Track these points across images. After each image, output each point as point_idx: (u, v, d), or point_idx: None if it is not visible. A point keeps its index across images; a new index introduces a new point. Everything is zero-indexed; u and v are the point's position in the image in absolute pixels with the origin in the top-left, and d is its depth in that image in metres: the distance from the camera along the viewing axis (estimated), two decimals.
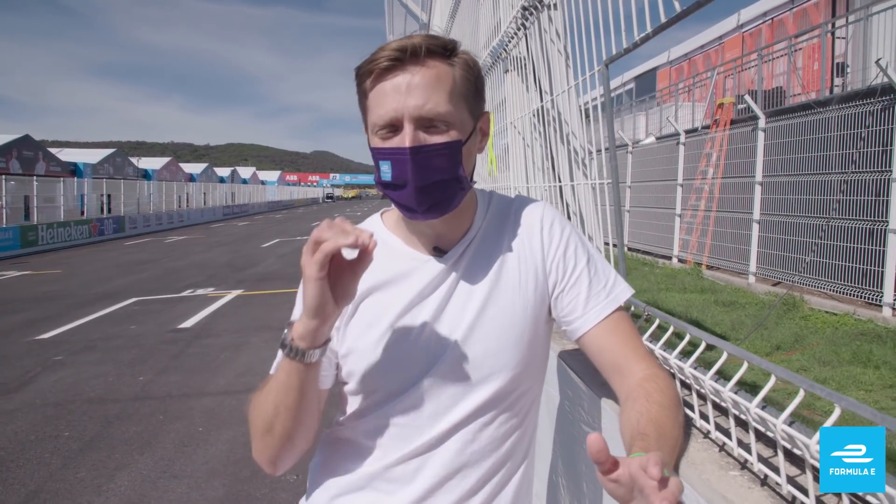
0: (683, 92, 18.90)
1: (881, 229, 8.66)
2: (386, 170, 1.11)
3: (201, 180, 58.75)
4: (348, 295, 1.05)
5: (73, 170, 38.29)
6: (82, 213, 30.53)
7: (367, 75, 1.11)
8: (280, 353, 1.10)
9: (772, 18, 18.66)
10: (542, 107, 2.32)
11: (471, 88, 1.16)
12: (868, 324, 8.09)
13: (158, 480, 4.23)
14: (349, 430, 1.24)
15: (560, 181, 2.44)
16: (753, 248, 11.61)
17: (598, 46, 1.75)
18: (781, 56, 13.72)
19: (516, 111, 2.64)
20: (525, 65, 2.50)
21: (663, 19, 1.17)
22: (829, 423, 0.80)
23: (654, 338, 1.46)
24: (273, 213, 58.68)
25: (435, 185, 1.11)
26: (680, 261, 14.56)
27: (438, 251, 1.23)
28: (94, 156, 44.36)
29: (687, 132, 14.95)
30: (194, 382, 6.36)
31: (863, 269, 8.96)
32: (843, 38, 13.30)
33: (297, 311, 1.23)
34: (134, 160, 50.35)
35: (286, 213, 57.95)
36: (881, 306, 8.54)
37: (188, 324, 9.22)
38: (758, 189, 11.57)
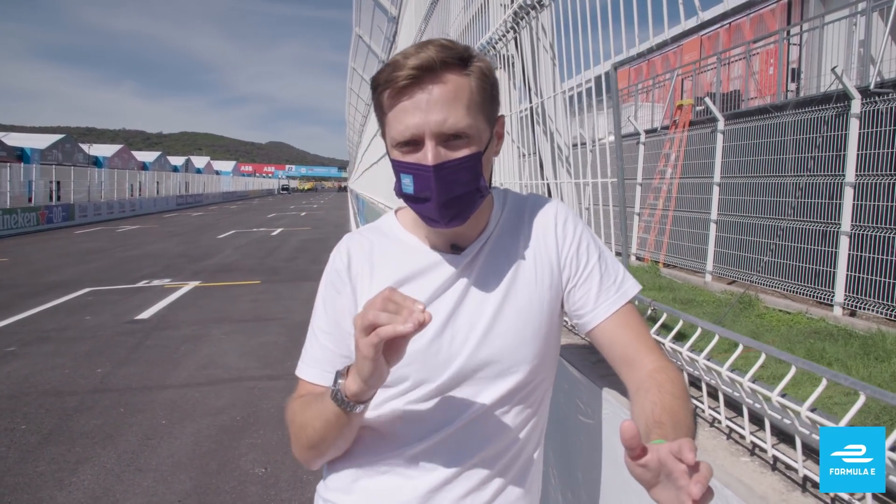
0: (643, 92, 19.20)
1: (833, 231, 8.96)
2: (408, 183, 1.13)
3: (154, 169, 57.55)
4: (400, 356, 1.04)
5: (20, 155, 37.15)
6: (30, 199, 29.60)
7: (385, 90, 1.13)
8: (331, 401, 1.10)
9: (729, 23, 19.07)
10: (531, 108, 2.36)
11: (486, 96, 1.17)
12: (820, 322, 8.36)
13: (123, 474, 4.15)
14: (369, 419, 1.25)
15: (546, 179, 2.48)
16: (710, 247, 11.88)
17: (594, 45, 1.78)
18: (739, 60, 14.05)
19: (504, 108, 2.67)
20: (514, 63, 2.52)
21: (685, 27, 1.20)
22: (853, 411, 0.84)
23: (662, 331, 1.50)
24: (228, 204, 57.79)
25: (457, 199, 1.14)
26: (638, 258, 14.82)
27: (456, 248, 1.25)
28: (42, 141, 43.10)
29: (647, 132, 15.20)
30: (155, 375, 6.25)
31: (815, 269, 9.26)
32: (797, 44, 13.68)
33: (318, 334, 1.28)
34: (84, 147, 49.08)
35: (241, 204, 57.15)
36: (832, 306, 8.84)
37: (146, 315, 9.04)
38: (716, 189, 11.85)
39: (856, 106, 8.58)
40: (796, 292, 9.62)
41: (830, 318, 8.52)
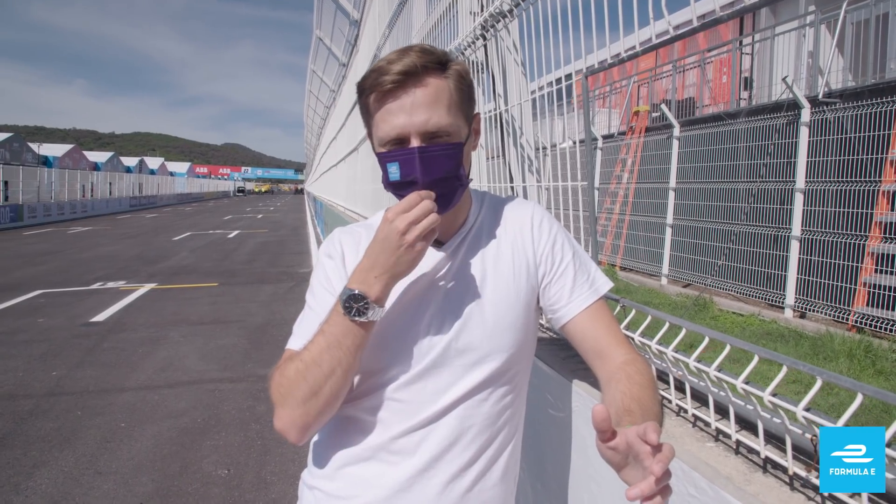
0: (599, 98, 19.50)
1: (784, 236, 9.25)
2: (394, 170, 1.21)
3: (106, 169, 56.29)
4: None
5: None
6: None
7: (371, 94, 1.23)
8: (342, 319, 1.17)
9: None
10: (499, 113, 2.42)
11: (464, 97, 1.27)
12: (772, 324, 8.62)
13: (82, 477, 4.09)
14: (352, 407, 1.30)
15: (513, 182, 2.54)
16: (666, 251, 12.14)
17: (587, 56, 1.85)
18: (693, 68, 14.39)
19: None
20: (482, 70, 2.58)
21: (654, 41, 1.26)
22: (810, 395, 0.90)
23: (633, 326, 1.57)
24: (183, 206, 56.77)
25: (440, 182, 1.21)
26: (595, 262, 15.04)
27: (437, 242, 1.32)
28: None
29: (604, 137, 15.45)
30: (112, 377, 6.14)
31: (767, 272, 9.55)
32: (749, 54, 14.07)
33: (316, 309, 1.31)
34: (34, 146, 47.74)
35: (197, 206, 56.21)
36: (784, 308, 9.12)
37: (101, 317, 8.87)
38: (671, 195, 12.11)
39: (805, 114, 8.88)
40: (749, 295, 9.90)
41: (782, 320, 8.80)
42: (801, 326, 8.37)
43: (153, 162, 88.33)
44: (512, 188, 2.47)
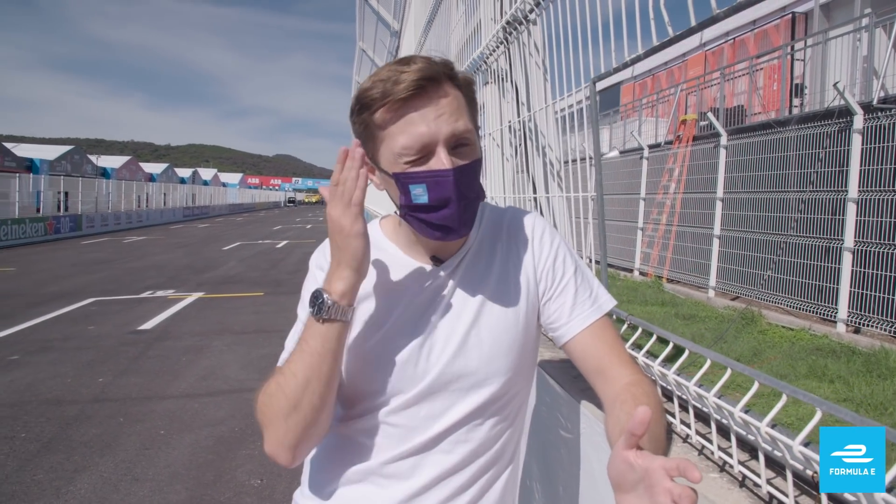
0: (647, 107, 19.24)
1: (836, 247, 8.93)
2: (420, 192, 1.12)
3: (161, 180, 57.80)
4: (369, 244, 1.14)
5: (29, 166, 37.39)
6: (38, 210, 29.78)
7: (380, 105, 1.13)
8: (310, 322, 1.14)
9: (734, 38, 19.14)
10: (521, 120, 2.37)
11: (474, 108, 1.22)
12: (823, 339, 8.32)
13: (119, 483, 4.16)
14: (346, 428, 1.27)
15: (536, 192, 2.49)
16: (713, 262, 11.86)
17: (583, 62, 1.80)
18: (743, 75, 14.08)
19: (494, 123, 2.69)
20: (505, 78, 2.55)
21: (655, 41, 1.22)
22: (809, 427, 0.85)
23: (637, 346, 1.51)
24: (234, 216, 57.98)
25: (471, 202, 1.17)
26: (641, 273, 14.80)
27: (436, 260, 1.27)
28: (51, 152, 43.37)
29: (650, 147, 15.22)
30: (155, 385, 6.26)
31: (819, 285, 9.23)
32: (801, 60, 13.71)
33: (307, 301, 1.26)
34: (93, 158, 49.36)
35: (247, 217, 57.31)
36: (836, 322, 8.80)
37: (148, 325, 9.07)
38: (718, 205, 11.83)
39: (858, 121, 8.58)
40: (800, 308, 9.59)
41: (833, 335, 8.49)
42: (854, 342, 8.06)
43: (206, 173, 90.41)
44: (535, 199, 2.42)
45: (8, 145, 38.68)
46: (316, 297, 1.12)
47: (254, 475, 4.32)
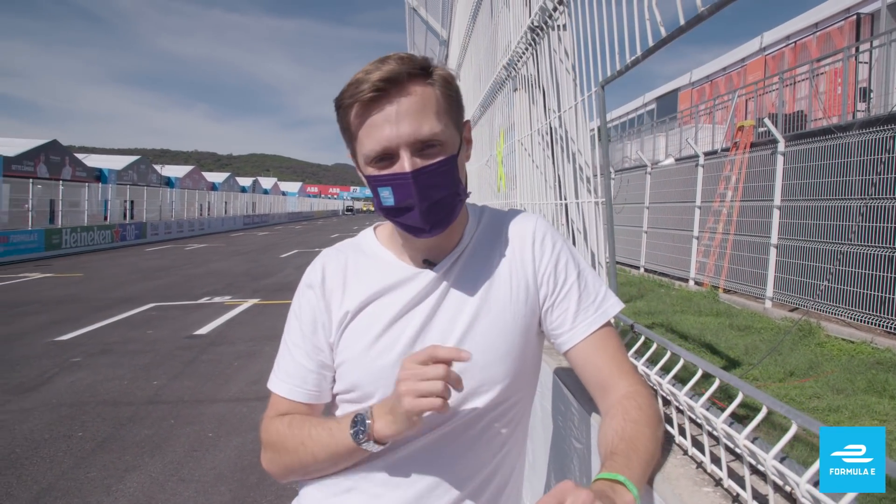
0: (704, 114, 18.86)
1: None
2: (387, 195, 1.14)
3: (223, 189, 59.34)
4: None
5: (98, 175, 38.82)
6: (105, 218, 30.99)
7: (350, 107, 1.15)
8: (345, 435, 1.15)
9: (794, 42, 18.62)
10: (549, 124, 2.36)
11: (452, 103, 1.20)
12: (886, 353, 7.98)
13: (167, 483, 4.28)
14: None
15: (565, 199, 2.47)
16: (771, 272, 11.50)
17: (602, 67, 1.79)
18: (803, 80, 13.66)
19: (524, 129, 2.69)
20: (534, 84, 2.54)
21: (651, 43, 1.21)
22: (783, 441, 0.83)
23: (641, 355, 1.49)
24: (293, 224, 59.10)
25: (439, 203, 1.15)
26: (696, 283, 14.47)
27: (428, 263, 1.26)
28: (118, 162, 44.94)
29: (706, 154, 14.90)
30: (207, 388, 6.43)
31: (882, 297, 8.85)
32: (867, 62, 13.22)
33: (289, 343, 1.32)
34: (158, 167, 50.98)
35: (306, 225, 58.33)
36: None
37: (204, 330, 9.32)
38: (776, 213, 11.49)
39: None
40: (861, 321, 9.21)
41: None
42: None
43: (266, 182, 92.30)
44: (564, 205, 2.40)
45: (79, 156, 40.27)
46: (356, 423, 1.13)
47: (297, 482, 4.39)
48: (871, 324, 8.99)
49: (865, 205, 9.27)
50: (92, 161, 42.70)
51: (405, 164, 1.11)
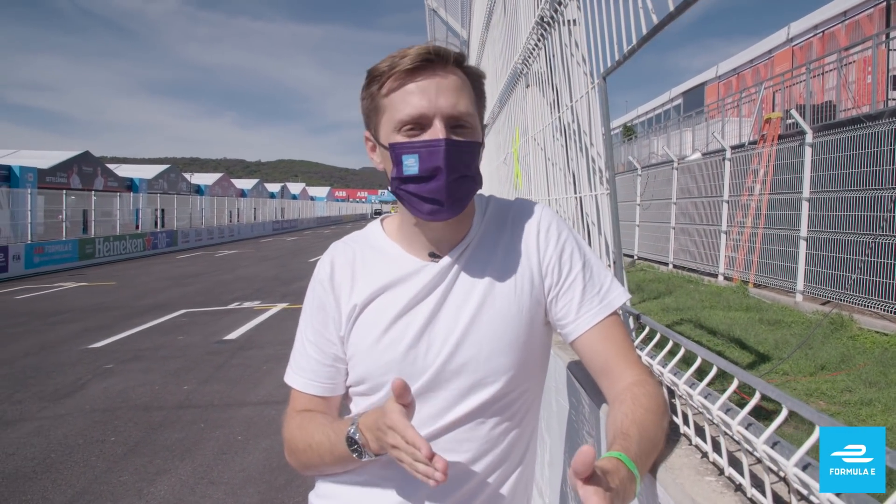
0: (731, 107, 18.63)
1: None
2: (412, 163, 1.14)
3: (252, 195, 59.99)
4: None
5: (130, 185, 39.50)
6: (137, 227, 31.49)
7: (387, 76, 1.16)
8: (345, 446, 1.18)
9: (822, 32, 18.31)
10: (560, 117, 2.36)
11: (481, 99, 1.24)
12: None
13: (196, 486, 4.35)
14: None
15: (580, 192, 2.47)
16: (801, 265, 11.31)
17: (604, 59, 1.79)
18: (833, 70, 13.43)
19: (537, 125, 2.69)
20: (545, 79, 2.54)
21: (644, 31, 1.22)
22: (775, 424, 0.82)
23: (648, 344, 1.49)
24: (322, 229, 59.60)
25: (462, 179, 1.16)
26: (726, 278, 14.29)
27: (434, 256, 1.26)
28: (149, 171, 45.68)
29: (733, 148, 14.71)
30: (236, 392, 6.51)
31: None
32: None
33: (302, 338, 1.35)
34: (187, 176, 51.69)
35: (335, 229, 58.78)
36: None
37: (233, 335, 9.44)
38: (805, 205, 11.30)
39: None
40: (895, 312, 9.03)
41: None
42: None
43: (295, 187, 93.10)
44: (579, 198, 2.40)
45: (111, 166, 41.02)
46: (351, 444, 1.17)
47: None
48: None
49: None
50: (123, 171, 43.47)
51: (439, 132, 1.13)
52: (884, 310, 9.23)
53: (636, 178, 20.39)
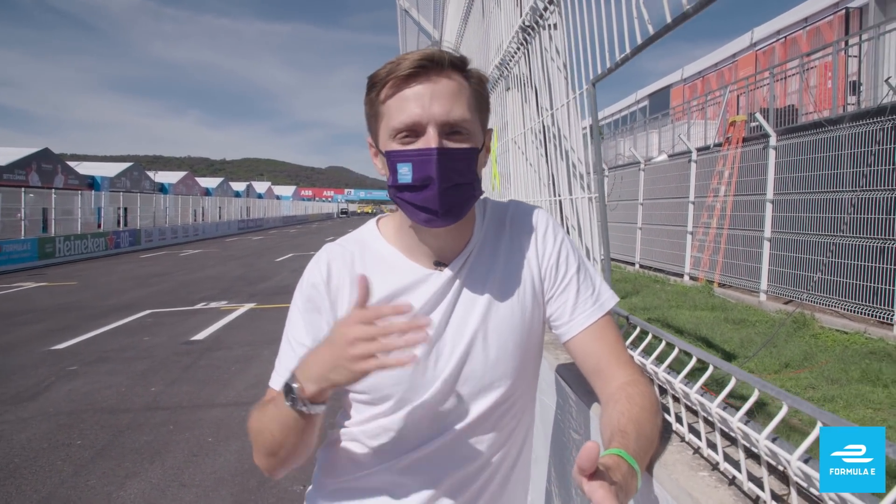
0: (696, 110, 18.93)
1: (892, 247, 8.63)
2: (405, 171, 1.13)
3: (217, 194, 59.26)
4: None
5: (91, 183, 38.77)
6: (99, 225, 30.89)
7: (385, 82, 1.14)
8: (282, 400, 1.10)
9: (785, 37, 18.70)
10: (542, 122, 2.38)
11: (482, 103, 1.21)
12: (878, 342, 8.04)
13: (167, 489, 4.29)
14: (354, 433, 1.28)
15: (559, 195, 2.50)
16: (764, 265, 11.57)
17: (593, 65, 1.82)
18: (795, 74, 13.74)
19: (517, 128, 2.71)
20: (526, 83, 2.56)
21: (639, 41, 1.23)
22: (774, 422, 0.85)
23: (638, 345, 1.51)
24: (288, 228, 59.03)
25: (456, 188, 1.14)
26: (691, 278, 14.53)
27: (439, 264, 1.25)
28: (111, 169, 44.89)
29: (699, 150, 14.97)
30: (205, 394, 6.43)
31: (874, 287, 8.92)
32: (856, 56, 13.30)
33: (291, 340, 1.28)
34: (151, 174, 50.89)
35: (301, 228, 58.27)
36: (892, 325, 8.49)
37: (200, 336, 9.31)
38: (769, 207, 11.55)
39: None
40: (855, 311, 9.27)
41: (890, 338, 8.19)
42: None
43: (260, 186, 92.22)
44: (559, 201, 2.43)
45: (71, 164, 40.23)
46: (291, 391, 1.09)
47: (296, 482, 4.40)
48: (864, 314, 9.06)
49: (857, 196, 9.33)
50: (84, 169, 42.64)
51: (431, 140, 1.11)
52: (844, 309, 9.48)
53: (603, 178, 20.56)
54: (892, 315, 8.49)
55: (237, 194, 69.21)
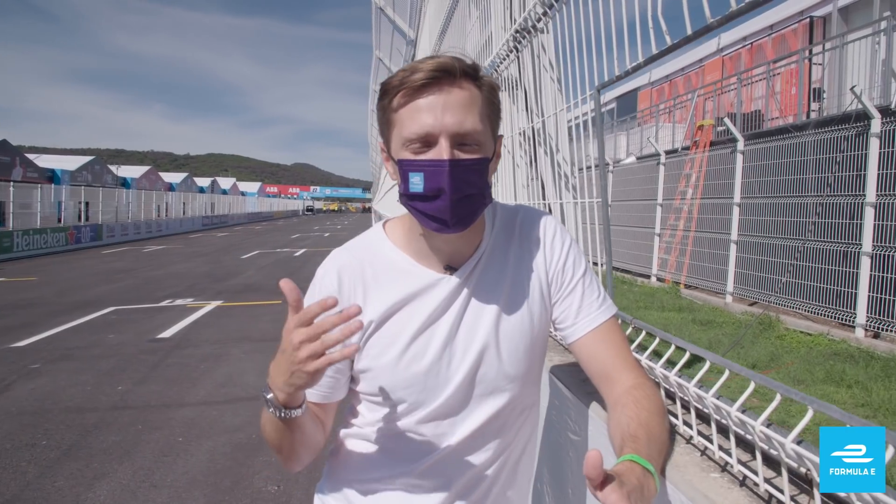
0: (664, 113, 19.17)
1: (855, 252, 8.85)
2: (417, 181, 1.13)
3: (181, 190, 58.38)
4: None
5: (51, 176, 37.88)
6: (59, 220, 30.16)
7: (398, 91, 1.14)
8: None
9: (751, 43, 19.03)
10: (532, 127, 2.39)
11: (494, 111, 1.21)
12: (841, 344, 8.24)
13: (138, 490, 4.21)
14: (367, 433, 1.30)
15: (547, 199, 2.51)
16: (731, 268, 11.78)
17: (589, 70, 1.83)
18: (761, 80, 14.01)
19: (505, 130, 2.71)
20: (516, 86, 2.56)
21: (654, 51, 1.24)
22: (800, 426, 0.86)
23: (641, 349, 1.52)
24: (253, 225, 58.42)
25: (467, 198, 1.15)
26: (658, 279, 14.72)
27: (450, 269, 1.26)
28: (72, 163, 43.91)
29: (667, 153, 15.17)
30: (174, 392, 6.33)
31: (837, 290, 9.14)
32: (820, 64, 13.61)
33: None
34: (113, 168, 49.91)
35: (266, 225, 57.71)
36: (854, 327, 8.71)
37: (167, 334, 9.16)
38: (736, 210, 11.77)
39: (875, 125, 8.51)
40: (818, 313, 9.50)
41: (852, 340, 8.41)
42: (872, 347, 7.97)
43: (225, 182, 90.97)
44: (546, 205, 2.44)
45: (30, 156, 39.22)
46: (269, 403, 1.15)
47: (271, 481, 4.36)
48: (827, 316, 9.28)
49: (821, 202, 9.55)
50: (44, 161, 41.64)
51: (444, 151, 1.11)
52: (807, 311, 9.69)
53: (606, 182, 20.74)
54: (855, 318, 8.71)
55: (201, 190, 68.24)
